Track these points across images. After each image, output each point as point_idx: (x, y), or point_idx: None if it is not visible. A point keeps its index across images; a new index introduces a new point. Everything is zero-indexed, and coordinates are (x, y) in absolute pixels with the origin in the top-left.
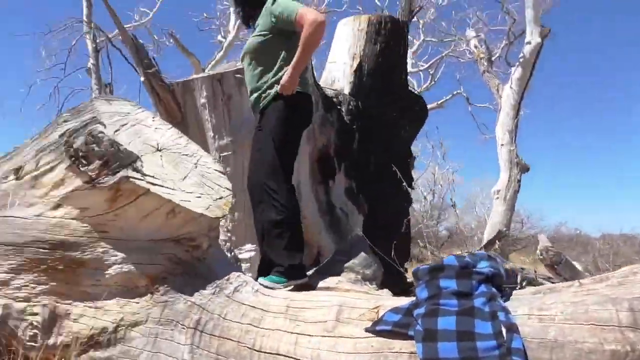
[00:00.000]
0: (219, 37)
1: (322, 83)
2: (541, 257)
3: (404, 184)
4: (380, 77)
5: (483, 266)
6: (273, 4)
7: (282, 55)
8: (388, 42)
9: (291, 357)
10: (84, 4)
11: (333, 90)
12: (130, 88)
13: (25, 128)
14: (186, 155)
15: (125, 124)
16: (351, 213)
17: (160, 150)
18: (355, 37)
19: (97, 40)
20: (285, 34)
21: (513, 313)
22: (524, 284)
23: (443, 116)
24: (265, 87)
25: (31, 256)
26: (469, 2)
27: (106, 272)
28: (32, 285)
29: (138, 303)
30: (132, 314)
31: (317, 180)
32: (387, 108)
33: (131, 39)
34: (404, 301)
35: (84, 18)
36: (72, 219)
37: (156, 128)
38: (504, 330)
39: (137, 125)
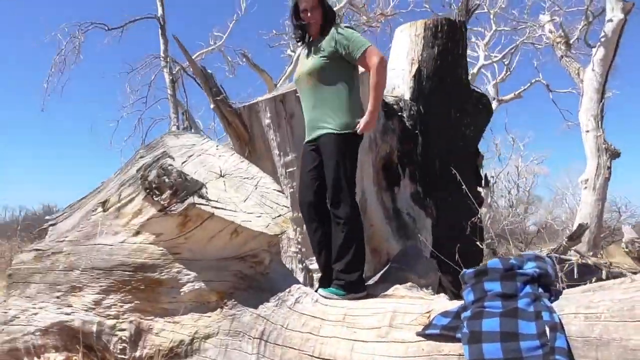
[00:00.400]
0: (289, 52)
1: None
2: (627, 249)
3: (463, 186)
4: (439, 79)
5: (529, 267)
6: (342, 34)
7: (345, 90)
8: (446, 44)
9: None
10: (161, 40)
11: (394, 97)
12: (206, 111)
13: (116, 158)
14: (247, 178)
15: (192, 155)
16: (418, 217)
17: (223, 176)
18: (413, 43)
19: (174, 72)
20: (346, 62)
21: (560, 312)
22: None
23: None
24: (333, 115)
25: (117, 278)
26: None
27: (181, 290)
28: (120, 304)
29: (210, 317)
30: (205, 327)
31: (383, 188)
32: (448, 109)
33: (200, 70)
34: (455, 305)
35: (161, 54)
36: (150, 243)
37: (220, 155)
38: (547, 330)
39: (202, 155)
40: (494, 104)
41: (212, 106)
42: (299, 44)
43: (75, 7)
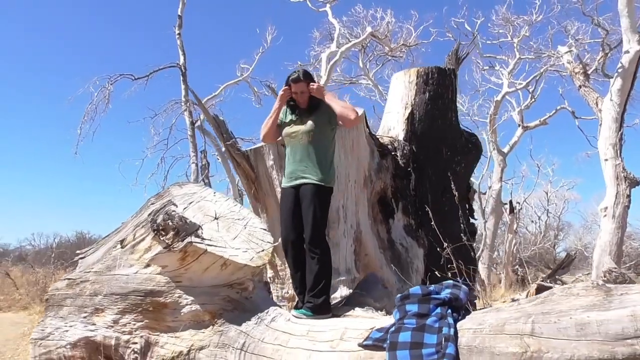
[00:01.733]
0: None
1: (379, 131)
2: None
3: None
4: (430, 121)
5: (445, 293)
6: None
7: (328, 151)
8: (436, 89)
9: None
10: (182, 86)
11: (389, 137)
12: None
13: (140, 192)
14: (238, 219)
15: (192, 202)
16: (410, 247)
17: (217, 219)
18: (407, 89)
19: (193, 114)
20: (330, 129)
21: (460, 327)
22: None
23: (548, 133)
24: (322, 174)
25: (132, 302)
26: (558, 18)
27: (181, 311)
28: (133, 322)
29: (204, 332)
30: (200, 340)
31: (379, 221)
32: (439, 148)
33: (213, 118)
34: (390, 322)
35: (182, 98)
36: (157, 274)
37: (216, 201)
38: (443, 341)
39: (201, 202)
40: (519, 131)
41: (223, 149)
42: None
43: (106, 61)
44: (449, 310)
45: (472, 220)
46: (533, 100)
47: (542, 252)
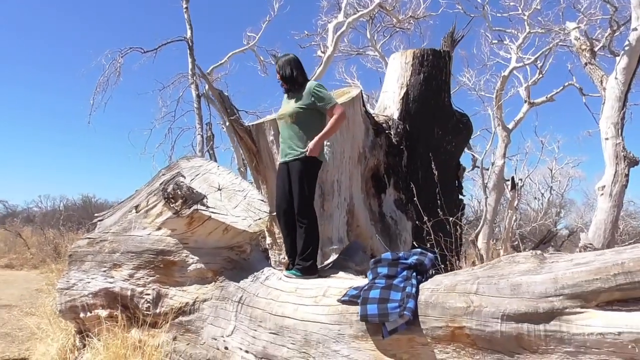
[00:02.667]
0: (319, 52)
1: (376, 110)
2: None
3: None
4: (424, 101)
5: (412, 259)
6: (318, 91)
7: (313, 130)
8: (430, 71)
9: (291, 318)
10: (189, 60)
11: (384, 116)
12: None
13: (149, 162)
14: (239, 191)
15: (198, 174)
16: (400, 220)
17: (220, 190)
18: (403, 69)
19: (200, 87)
20: (318, 112)
21: (421, 287)
22: None
23: (554, 110)
24: (301, 146)
25: (145, 259)
26: None
27: (188, 268)
28: (146, 277)
29: (207, 287)
30: (203, 294)
31: (371, 194)
32: (432, 128)
33: (218, 93)
34: (364, 283)
35: (189, 72)
36: (167, 236)
37: (219, 174)
38: (405, 297)
39: (206, 174)
40: (525, 107)
41: (227, 123)
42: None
43: (117, 34)
44: (414, 273)
45: (460, 197)
46: (541, 75)
47: (542, 228)
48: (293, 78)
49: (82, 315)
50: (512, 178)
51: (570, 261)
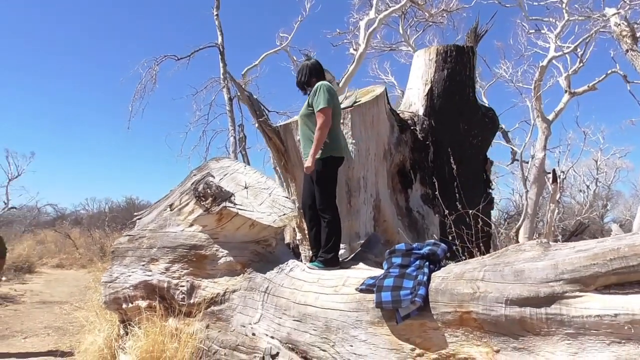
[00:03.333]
0: (351, 50)
1: (402, 106)
2: None
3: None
4: (449, 97)
5: (425, 249)
6: (314, 92)
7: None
8: (454, 67)
9: (313, 306)
10: (220, 64)
11: (409, 112)
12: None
13: (184, 162)
14: (264, 189)
15: (227, 174)
16: (427, 214)
17: (246, 188)
18: (427, 66)
19: (231, 90)
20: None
21: (433, 276)
22: None
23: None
24: (309, 147)
25: (179, 253)
26: None
27: (218, 261)
28: (181, 270)
29: (236, 279)
30: (233, 285)
31: (397, 190)
32: (457, 123)
33: (247, 96)
34: (381, 273)
35: (221, 76)
36: (199, 232)
37: (246, 173)
38: (417, 285)
39: (233, 174)
40: (565, 97)
41: (256, 125)
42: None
43: (153, 42)
44: (427, 263)
45: (489, 190)
46: (582, 64)
47: (588, 222)
48: (303, 82)
49: (124, 306)
50: (554, 170)
51: (572, 248)
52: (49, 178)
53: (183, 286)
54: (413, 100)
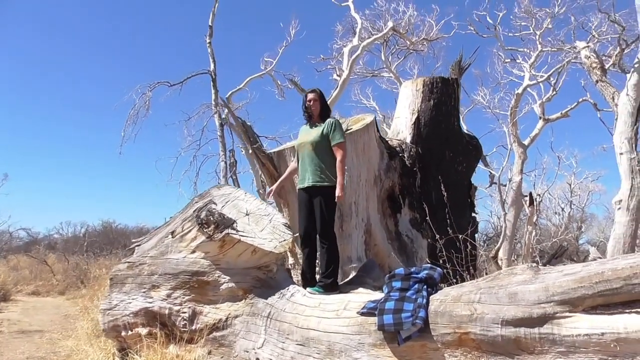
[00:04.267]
0: (335, 76)
1: (390, 134)
2: None
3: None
4: (435, 126)
5: (423, 273)
6: (333, 125)
7: (331, 158)
8: (440, 97)
9: (316, 330)
10: (212, 91)
11: (398, 140)
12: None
13: (175, 188)
14: (265, 215)
15: (228, 201)
16: (415, 238)
17: (247, 215)
18: (414, 96)
19: (222, 116)
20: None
21: (432, 298)
22: None
23: (570, 126)
24: (323, 176)
25: (181, 280)
26: (579, 11)
27: (220, 287)
28: (182, 296)
29: (238, 304)
30: (235, 310)
31: (387, 215)
32: (443, 150)
33: (241, 123)
34: (381, 296)
35: (212, 102)
36: (201, 258)
37: (247, 200)
38: (417, 307)
39: (235, 201)
40: (540, 123)
41: (249, 151)
42: (306, 122)
43: (142, 70)
44: (425, 286)
45: (473, 214)
46: (555, 92)
47: (564, 243)
48: (328, 113)
49: (123, 333)
50: (530, 194)
51: (561, 272)
52: (22, 201)
53: (185, 312)
54: (401, 128)
